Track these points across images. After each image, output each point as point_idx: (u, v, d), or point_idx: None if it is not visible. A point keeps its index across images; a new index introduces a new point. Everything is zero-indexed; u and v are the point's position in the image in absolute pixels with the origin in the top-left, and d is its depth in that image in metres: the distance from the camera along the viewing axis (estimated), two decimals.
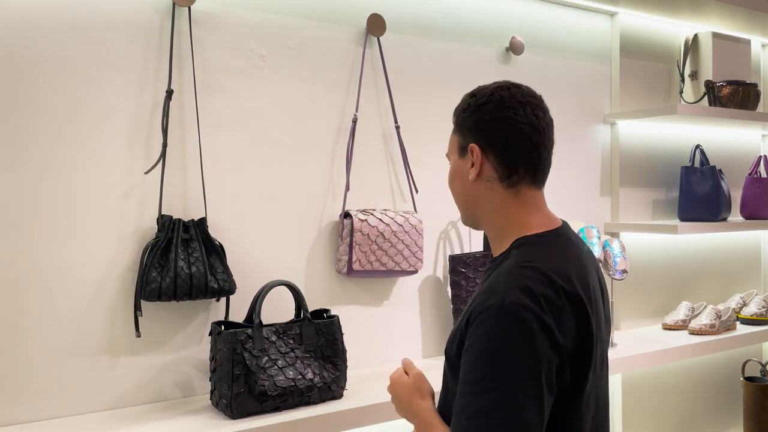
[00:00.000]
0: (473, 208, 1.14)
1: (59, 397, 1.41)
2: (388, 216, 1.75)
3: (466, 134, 1.11)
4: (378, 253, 1.72)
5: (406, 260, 1.77)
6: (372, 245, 1.70)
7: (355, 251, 1.68)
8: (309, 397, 1.46)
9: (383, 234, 1.71)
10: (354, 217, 1.69)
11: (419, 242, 1.78)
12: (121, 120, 1.47)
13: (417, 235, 1.78)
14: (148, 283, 1.43)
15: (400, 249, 1.75)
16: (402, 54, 1.88)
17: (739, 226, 2.40)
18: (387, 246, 1.72)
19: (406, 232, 1.75)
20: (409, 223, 1.77)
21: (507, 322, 0.93)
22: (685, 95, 2.49)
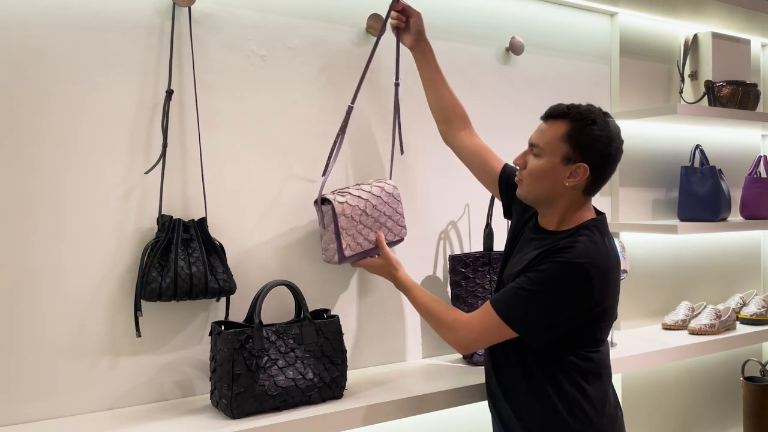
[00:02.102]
0: (548, 200, 1.45)
1: (59, 397, 1.41)
2: (364, 190, 1.65)
3: (578, 151, 1.39)
4: (364, 231, 1.62)
5: (391, 231, 1.69)
6: (357, 225, 1.60)
7: (343, 237, 1.57)
8: (309, 397, 1.46)
9: (365, 211, 1.62)
10: (333, 201, 1.57)
11: (399, 209, 1.71)
12: (121, 120, 1.47)
13: (396, 202, 1.70)
14: (148, 283, 1.43)
15: (383, 221, 1.67)
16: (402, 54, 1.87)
17: (739, 226, 2.41)
18: (370, 222, 1.63)
19: (385, 203, 1.67)
20: (385, 192, 1.68)
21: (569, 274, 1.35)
22: (685, 95, 2.49)
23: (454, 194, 1.96)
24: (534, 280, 1.36)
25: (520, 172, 1.48)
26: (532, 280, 1.37)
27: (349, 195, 1.61)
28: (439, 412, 1.61)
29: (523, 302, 1.37)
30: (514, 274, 1.44)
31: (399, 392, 1.56)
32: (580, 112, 1.40)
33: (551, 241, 1.42)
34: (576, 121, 1.39)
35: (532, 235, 1.50)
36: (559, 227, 1.46)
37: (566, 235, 1.42)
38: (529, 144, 1.46)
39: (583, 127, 1.39)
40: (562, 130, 1.39)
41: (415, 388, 1.59)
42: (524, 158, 1.47)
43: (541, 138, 1.43)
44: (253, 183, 1.64)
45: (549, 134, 1.41)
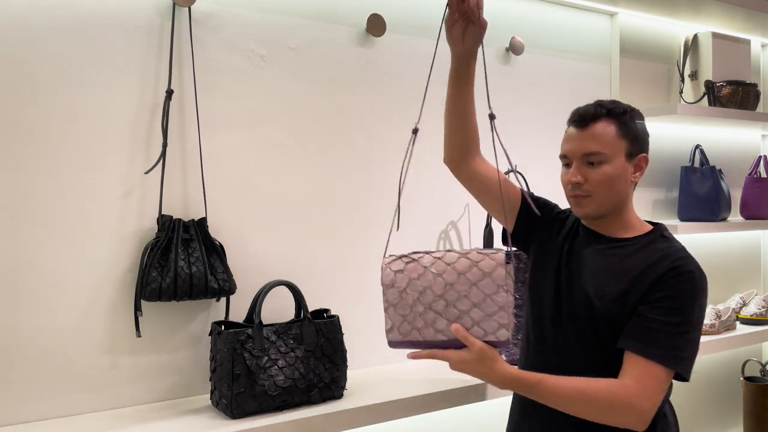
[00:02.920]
0: (619, 205, 1.37)
1: (59, 397, 1.41)
2: (444, 261, 1.23)
3: (635, 143, 1.35)
4: (428, 316, 1.21)
5: (478, 325, 1.19)
6: (415, 305, 1.22)
7: (389, 315, 1.25)
8: (309, 397, 1.46)
9: (431, 288, 1.21)
10: (383, 266, 1.26)
11: (498, 297, 1.18)
12: (121, 120, 1.47)
13: (493, 286, 1.19)
14: (149, 283, 1.43)
15: (465, 309, 1.19)
16: (402, 54, 1.88)
17: (739, 226, 2.41)
18: (440, 306, 1.21)
19: (472, 284, 1.19)
20: (479, 269, 1.19)
21: (701, 284, 1.27)
22: (685, 95, 2.49)
23: (454, 194, 1.96)
24: (678, 308, 1.24)
25: (581, 188, 1.34)
26: (676, 309, 1.24)
27: (413, 263, 1.24)
28: (439, 412, 1.61)
29: (684, 340, 1.24)
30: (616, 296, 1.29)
31: (399, 392, 1.56)
32: (611, 107, 1.35)
33: (635, 248, 1.34)
34: (616, 116, 1.34)
35: (600, 246, 1.37)
36: (628, 232, 1.38)
37: (648, 240, 1.35)
38: (581, 155, 1.33)
39: (626, 119, 1.34)
40: (613, 129, 1.33)
41: (415, 388, 1.59)
42: (581, 173, 1.33)
43: (601, 143, 1.32)
44: (253, 183, 1.64)
45: (605, 137, 1.32)
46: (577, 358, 1.33)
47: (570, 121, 1.39)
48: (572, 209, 1.40)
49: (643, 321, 1.25)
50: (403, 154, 1.87)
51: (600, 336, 1.30)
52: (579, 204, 1.36)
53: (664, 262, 1.28)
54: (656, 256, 1.30)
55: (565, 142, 1.39)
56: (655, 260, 1.29)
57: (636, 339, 1.24)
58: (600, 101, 1.37)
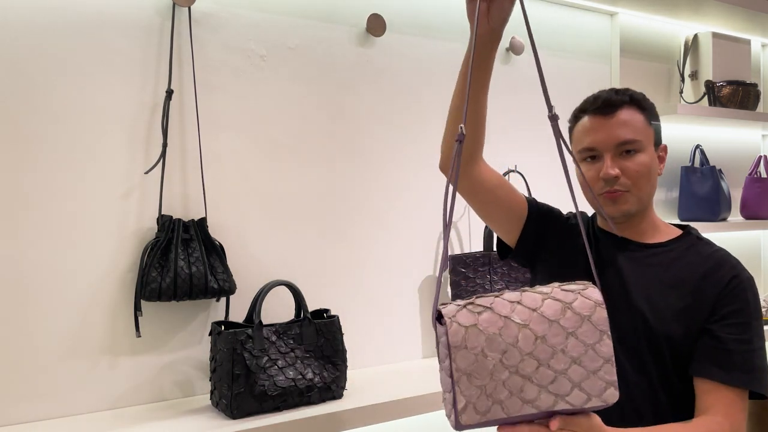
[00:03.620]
0: (649, 202, 1.23)
1: (59, 397, 1.41)
2: (525, 305, 0.90)
3: (658, 131, 1.23)
4: (513, 382, 0.87)
5: (580, 387, 0.88)
6: (497, 371, 0.87)
7: (459, 389, 0.86)
8: (309, 397, 1.46)
9: (516, 345, 0.87)
10: (447, 321, 0.87)
11: (602, 346, 0.89)
12: (121, 120, 1.47)
13: (594, 333, 0.89)
14: (148, 283, 1.43)
15: (561, 368, 0.88)
16: (402, 54, 1.88)
17: (739, 226, 2.40)
18: (530, 367, 0.87)
19: (568, 333, 0.88)
20: (573, 312, 0.89)
21: (757, 289, 1.19)
22: (685, 95, 2.49)
23: None
24: (748, 323, 1.14)
25: (618, 182, 1.18)
26: (747, 324, 1.14)
27: (487, 312, 0.88)
28: (439, 412, 1.61)
29: (760, 357, 1.13)
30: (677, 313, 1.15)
31: (399, 392, 1.56)
32: (632, 93, 1.23)
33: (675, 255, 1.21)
34: (638, 102, 1.22)
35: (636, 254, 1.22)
36: (657, 236, 1.24)
37: (687, 244, 1.23)
38: (616, 144, 1.18)
39: (648, 105, 1.23)
40: (640, 115, 1.21)
41: (415, 388, 1.59)
42: (618, 165, 1.18)
43: (634, 130, 1.18)
44: (253, 183, 1.64)
45: (636, 123, 1.19)
46: (635, 387, 1.15)
47: (589, 110, 1.23)
48: (604, 209, 1.19)
49: (717, 342, 1.12)
50: (403, 153, 1.87)
51: (661, 360, 1.15)
52: (616, 201, 1.18)
53: (722, 270, 1.17)
54: (709, 263, 1.19)
55: (587, 133, 1.21)
56: (710, 268, 1.18)
57: (715, 365, 1.11)
58: (612, 89, 1.25)
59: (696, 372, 1.13)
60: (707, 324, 1.14)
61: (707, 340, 1.13)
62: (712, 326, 1.13)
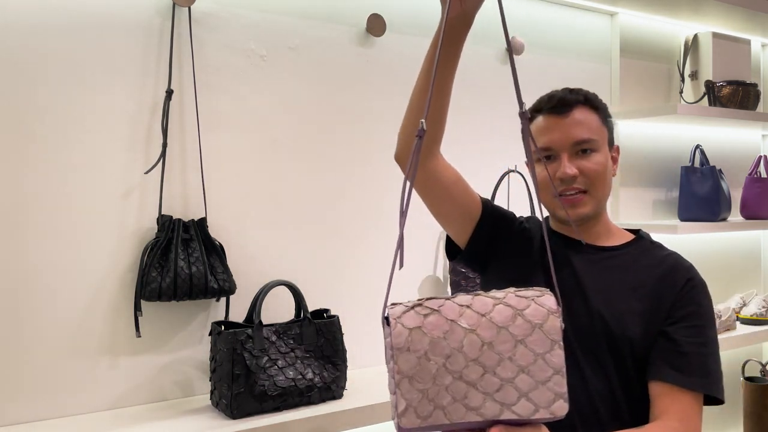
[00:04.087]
0: (605, 202, 1.22)
1: (59, 397, 1.41)
2: (474, 309, 0.86)
3: (611, 131, 1.22)
4: (456, 388, 0.84)
5: (527, 397, 0.84)
6: (440, 375, 0.84)
7: (401, 391, 0.83)
8: (309, 397, 1.46)
9: (461, 350, 0.84)
10: (393, 321, 0.85)
11: (554, 357, 0.85)
12: (121, 120, 1.47)
13: (545, 342, 0.85)
14: (148, 283, 1.43)
15: (508, 376, 0.84)
16: (402, 54, 1.88)
17: (739, 226, 2.40)
18: (474, 374, 0.84)
19: (517, 340, 0.85)
20: (524, 319, 0.86)
21: (709, 293, 1.18)
22: (685, 95, 2.49)
23: None
24: (703, 326, 1.13)
25: (576, 181, 1.16)
26: (702, 327, 1.13)
27: (434, 314, 0.86)
28: None
29: (714, 361, 1.12)
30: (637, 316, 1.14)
31: None
32: (586, 93, 1.22)
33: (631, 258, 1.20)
34: (591, 102, 1.21)
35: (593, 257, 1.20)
36: (611, 239, 1.24)
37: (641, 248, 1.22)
38: (572, 143, 1.16)
39: (601, 105, 1.22)
40: (594, 115, 1.19)
41: None
42: (575, 164, 1.16)
43: (589, 129, 1.17)
44: (253, 183, 1.64)
45: (591, 122, 1.18)
46: (595, 392, 1.13)
47: (544, 110, 1.20)
48: (559, 211, 1.19)
49: (673, 345, 1.11)
50: None
51: (622, 363, 1.13)
52: (574, 203, 1.16)
53: (677, 273, 1.17)
54: (664, 266, 1.18)
55: (543, 132, 1.18)
56: (666, 271, 1.17)
57: (672, 367, 1.09)
58: (566, 88, 1.22)
59: (652, 375, 1.11)
60: (664, 326, 1.13)
61: (663, 342, 1.12)
62: (669, 328, 1.13)
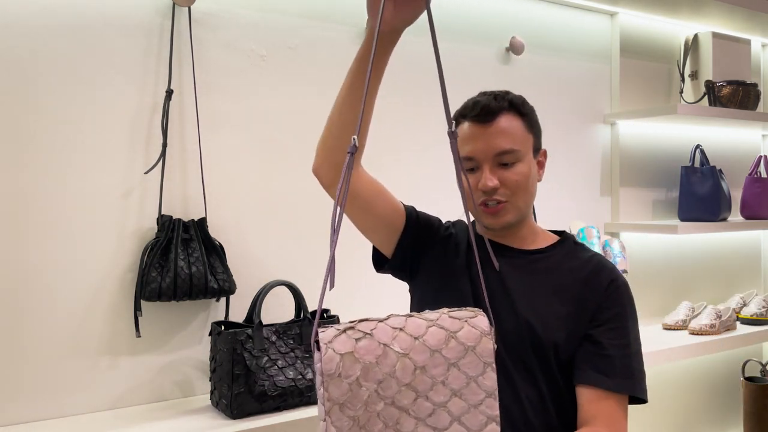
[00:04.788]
0: (529, 208, 1.21)
1: (59, 397, 1.41)
2: (407, 332, 0.84)
3: (538, 137, 1.21)
4: (387, 414, 0.82)
5: (458, 421, 0.83)
6: (371, 402, 0.81)
7: (331, 418, 0.80)
8: (309, 397, 1.46)
9: (394, 375, 0.82)
10: (323, 346, 0.80)
11: (486, 380, 0.84)
12: (121, 120, 1.47)
13: (478, 365, 0.84)
14: (148, 283, 1.43)
15: (440, 401, 0.83)
16: (402, 54, 1.87)
17: (739, 226, 2.40)
18: (407, 400, 0.82)
19: (450, 364, 0.83)
20: (458, 342, 0.84)
21: (631, 294, 1.19)
22: (685, 95, 2.49)
23: (451, 194, 1.96)
24: (626, 327, 1.14)
25: (497, 193, 1.14)
26: (624, 329, 1.13)
27: (366, 338, 0.82)
28: None
29: (637, 362, 1.13)
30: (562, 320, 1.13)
31: None
32: (511, 98, 1.18)
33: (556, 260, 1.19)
34: (517, 108, 1.17)
35: (517, 261, 1.19)
36: (537, 241, 1.23)
37: (565, 250, 1.22)
38: (494, 155, 1.14)
39: (527, 110, 1.19)
40: (519, 122, 1.16)
41: None
42: (497, 175, 1.14)
43: (512, 139, 1.14)
44: (253, 183, 1.64)
45: (515, 131, 1.15)
46: (526, 399, 1.12)
47: (468, 116, 1.16)
48: (483, 220, 1.18)
49: (598, 348, 1.11)
50: (402, 153, 1.87)
51: (548, 369, 1.12)
52: (495, 213, 1.15)
53: (601, 275, 1.16)
54: (587, 268, 1.18)
55: (466, 141, 1.16)
56: (590, 273, 1.17)
57: (597, 371, 1.10)
58: (491, 92, 1.19)
59: (578, 379, 1.11)
60: (588, 329, 1.13)
61: (588, 345, 1.12)
62: (593, 331, 1.12)
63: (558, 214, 2.16)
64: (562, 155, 2.18)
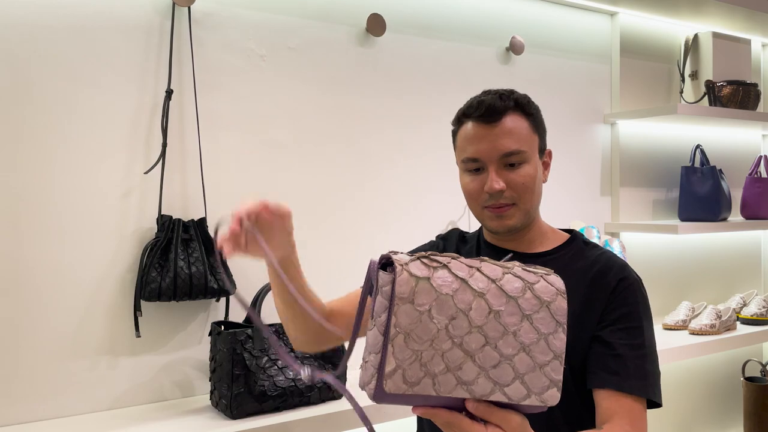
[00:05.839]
0: (536, 210, 1.19)
1: (59, 397, 1.41)
2: (485, 274, 0.79)
3: (543, 137, 1.19)
4: (452, 355, 0.75)
5: (521, 379, 0.77)
6: (438, 338, 0.74)
7: (393, 349, 0.73)
8: (309, 397, 1.46)
9: (467, 314, 0.76)
10: (398, 267, 0.75)
11: (556, 341, 0.79)
12: (121, 120, 1.47)
13: (550, 322, 0.79)
14: (148, 283, 1.43)
15: (509, 352, 0.77)
16: (402, 54, 1.88)
17: (739, 226, 2.40)
18: (475, 343, 0.76)
19: (524, 315, 0.78)
20: (533, 294, 0.79)
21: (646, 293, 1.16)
22: (685, 95, 2.49)
23: (453, 194, 1.96)
24: (637, 327, 1.10)
25: (503, 195, 1.12)
26: (636, 329, 1.10)
27: (443, 269, 0.77)
28: None
29: (651, 363, 1.09)
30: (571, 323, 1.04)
31: None
32: (517, 97, 1.16)
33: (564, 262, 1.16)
34: (523, 107, 1.15)
35: None
36: (546, 243, 1.21)
37: (574, 249, 1.19)
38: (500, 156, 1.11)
39: (533, 110, 1.17)
40: (525, 122, 1.14)
41: None
42: (503, 177, 1.12)
43: (518, 139, 1.12)
44: (253, 183, 1.64)
45: (521, 132, 1.13)
46: None
47: (472, 116, 1.14)
48: (489, 223, 1.16)
49: (608, 348, 1.08)
50: (403, 153, 1.87)
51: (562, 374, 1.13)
52: (502, 216, 1.13)
53: (609, 274, 1.13)
54: (596, 267, 1.15)
55: (470, 142, 1.13)
56: (598, 272, 1.14)
57: (608, 372, 1.06)
58: (495, 90, 1.16)
59: (591, 382, 1.07)
60: (597, 331, 1.10)
61: (598, 347, 1.09)
62: (602, 332, 1.09)
63: (558, 214, 2.16)
64: (562, 155, 2.18)
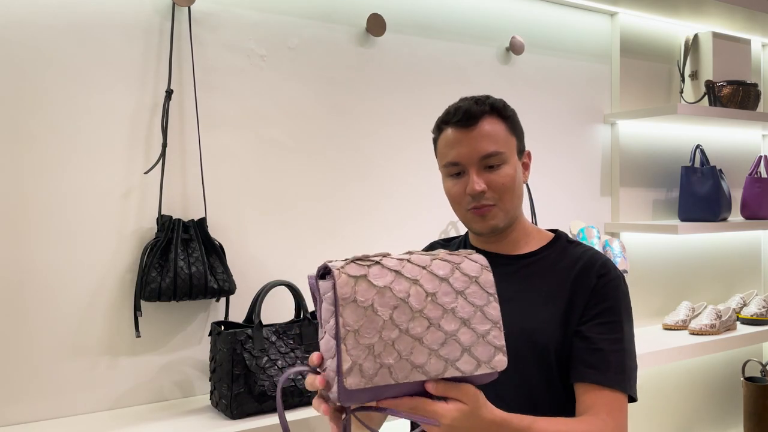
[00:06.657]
0: (518, 210, 1.22)
1: (59, 397, 1.41)
2: (416, 263, 0.86)
3: (521, 139, 1.22)
4: (401, 343, 0.81)
5: (469, 352, 0.84)
6: (387, 329, 0.81)
7: (347, 345, 0.78)
8: (309, 397, 1.46)
9: (407, 301, 0.82)
10: (335, 272, 0.81)
11: (491, 309, 0.87)
12: (121, 120, 1.47)
13: (483, 295, 0.87)
14: (148, 283, 1.43)
15: (451, 330, 0.84)
16: (402, 54, 1.88)
17: (739, 226, 2.40)
18: (419, 327, 0.82)
19: (457, 293, 0.86)
20: (462, 273, 0.87)
21: (626, 288, 1.20)
22: (685, 95, 2.49)
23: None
24: (617, 322, 1.14)
25: (484, 197, 1.16)
26: (615, 323, 1.13)
27: (376, 266, 0.83)
28: None
29: (629, 358, 1.12)
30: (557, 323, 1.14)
31: None
32: (493, 102, 1.18)
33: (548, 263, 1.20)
34: (499, 111, 1.18)
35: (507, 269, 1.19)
36: (530, 244, 1.24)
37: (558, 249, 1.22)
38: (479, 158, 1.15)
39: (509, 113, 1.20)
40: (502, 125, 1.17)
41: None
42: (483, 178, 1.16)
43: (496, 141, 1.15)
44: (253, 183, 1.64)
45: (498, 134, 1.16)
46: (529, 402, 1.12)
47: (451, 122, 1.18)
48: (474, 225, 1.20)
49: (588, 343, 1.11)
50: (403, 153, 1.87)
51: (547, 375, 1.13)
52: (484, 217, 1.17)
53: (591, 271, 1.16)
54: (579, 264, 1.18)
55: (450, 146, 1.18)
56: (581, 269, 1.17)
57: (587, 366, 1.10)
58: (472, 97, 1.20)
59: (572, 377, 1.11)
60: (578, 326, 1.13)
61: (578, 341, 1.12)
62: (582, 327, 1.13)
63: (558, 214, 2.16)
64: (562, 155, 2.18)
